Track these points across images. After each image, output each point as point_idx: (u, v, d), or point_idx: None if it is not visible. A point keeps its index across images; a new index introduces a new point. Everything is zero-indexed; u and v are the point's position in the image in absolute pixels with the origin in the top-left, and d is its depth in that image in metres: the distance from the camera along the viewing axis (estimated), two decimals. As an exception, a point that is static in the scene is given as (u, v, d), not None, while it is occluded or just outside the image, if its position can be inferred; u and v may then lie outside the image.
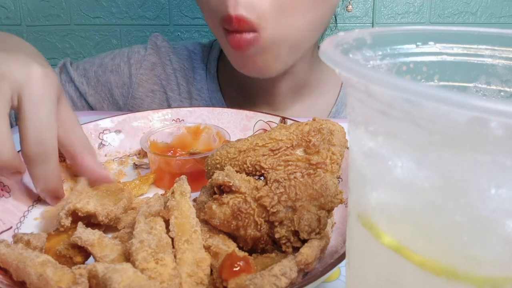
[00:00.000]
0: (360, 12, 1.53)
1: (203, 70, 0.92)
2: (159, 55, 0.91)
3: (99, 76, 0.90)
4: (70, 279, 0.34)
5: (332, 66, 0.21)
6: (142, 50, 0.92)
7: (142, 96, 0.90)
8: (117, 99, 0.91)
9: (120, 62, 0.90)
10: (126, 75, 0.90)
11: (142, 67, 0.90)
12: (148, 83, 0.90)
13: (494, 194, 0.19)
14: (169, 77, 0.91)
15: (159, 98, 0.91)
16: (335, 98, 0.90)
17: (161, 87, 0.91)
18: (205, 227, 0.42)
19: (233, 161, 0.45)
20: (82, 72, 0.91)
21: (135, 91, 0.90)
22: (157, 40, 0.93)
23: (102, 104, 0.91)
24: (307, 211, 0.40)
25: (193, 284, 0.36)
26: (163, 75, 0.91)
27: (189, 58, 0.93)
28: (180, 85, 0.91)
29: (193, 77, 0.92)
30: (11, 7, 1.56)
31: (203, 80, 0.91)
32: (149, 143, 0.60)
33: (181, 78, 0.91)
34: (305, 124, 0.47)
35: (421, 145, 0.20)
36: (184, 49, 0.94)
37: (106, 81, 0.90)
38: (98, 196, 0.47)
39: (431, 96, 0.16)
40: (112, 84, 0.90)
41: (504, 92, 0.28)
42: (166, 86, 0.91)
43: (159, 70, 0.91)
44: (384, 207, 0.23)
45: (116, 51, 0.93)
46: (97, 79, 0.90)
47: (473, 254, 0.20)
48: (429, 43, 0.28)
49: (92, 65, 0.91)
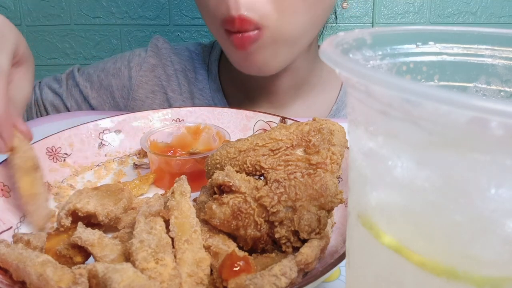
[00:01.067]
0: (360, 12, 1.53)
1: (204, 70, 0.93)
2: (159, 57, 0.93)
3: (102, 80, 0.93)
4: (70, 279, 0.34)
5: (332, 66, 0.21)
6: (142, 52, 0.94)
7: (142, 97, 0.92)
8: (117, 101, 0.93)
9: (121, 65, 0.93)
10: (126, 78, 0.92)
11: (142, 69, 0.92)
12: (148, 85, 0.92)
13: (494, 194, 0.19)
14: (170, 78, 0.92)
15: (159, 99, 0.92)
16: (336, 97, 0.91)
17: (162, 88, 0.92)
18: (205, 227, 0.42)
19: (233, 161, 0.45)
20: (86, 77, 0.93)
21: (135, 92, 0.92)
22: (158, 42, 0.95)
23: (104, 107, 0.94)
24: (307, 211, 0.40)
25: (193, 284, 0.36)
26: (164, 76, 0.92)
27: (191, 59, 0.94)
28: (182, 85, 0.92)
29: (195, 77, 0.93)
30: (11, 7, 1.56)
31: (205, 80, 0.92)
32: (149, 143, 0.60)
33: (182, 79, 0.93)
34: (305, 124, 0.47)
35: (421, 145, 0.20)
36: (186, 50, 0.95)
37: (108, 85, 0.92)
38: (98, 196, 0.47)
39: (431, 96, 0.16)
40: (113, 87, 0.92)
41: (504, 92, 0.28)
42: (167, 87, 0.92)
43: (159, 71, 0.92)
44: (384, 207, 0.23)
45: (119, 56, 0.96)
46: (100, 83, 0.93)
47: (473, 254, 0.20)
48: (429, 43, 0.28)
49: (96, 69, 0.94)
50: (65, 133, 0.61)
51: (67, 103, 0.92)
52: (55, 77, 0.95)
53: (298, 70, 0.84)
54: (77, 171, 0.60)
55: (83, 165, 0.61)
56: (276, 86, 0.86)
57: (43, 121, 0.77)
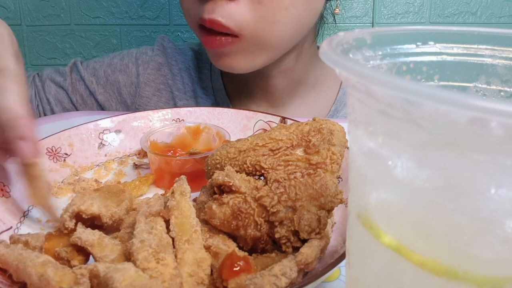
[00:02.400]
0: (360, 12, 1.53)
1: (207, 69, 0.95)
2: (165, 56, 0.95)
3: (108, 75, 0.93)
4: (71, 279, 0.34)
5: (332, 66, 0.21)
6: (149, 51, 0.95)
7: (149, 95, 0.93)
8: (125, 98, 0.94)
9: (129, 62, 0.94)
10: (134, 75, 0.93)
11: (149, 67, 0.93)
12: (155, 83, 0.93)
13: (494, 194, 0.19)
14: (175, 77, 0.94)
15: (165, 97, 0.94)
16: (334, 97, 0.92)
17: (167, 87, 0.94)
18: (205, 227, 0.42)
19: (233, 161, 0.45)
20: (92, 71, 0.94)
21: (142, 90, 0.93)
22: (163, 41, 0.96)
23: (111, 103, 0.94)
24: (307, 211, 0.40)
25: (194, 284, 0.36)
26: (170, 75, 0.94)
27: (194, 58, 0.96)
28: (186, 84, 0.94)
29: (198, 76, 0.95)
30: (11, 7, 1.56)
31: (208, 80, 0.94)
32: (149, 143, 0.60)
33: (186, 78, 0.94)
34: (305, 124, 0.47)
35: (421, 145, 0.20)
36: (189, 50, 0.97)
37: (115, 80, 0.93)
38: (101, 198, 0.46)
39: (431, 96, 0.16)
40: (120, 83, 0.93)
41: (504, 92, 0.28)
42: (173, 85, 0.93)
43: (165, 70, 0.94)
44: (384, 207, 0.23)
45: (125, 52, 0.97)
46: (106, 78, 0.93)
47: (473, 254, 0.20)
48: (429, 43, 0.28)
49: (101, 64, 0.94)
50: (65, 133, 0.61)
51: (73, 97, 0.92)
52: (58, 70, 0.95)
53: (292, 70, 0.85)
54: (77, 171, 0.60)
55: (83, 165, 0.61)
56: (272, 86, 0.87)
57: (43, 121, 0.77)
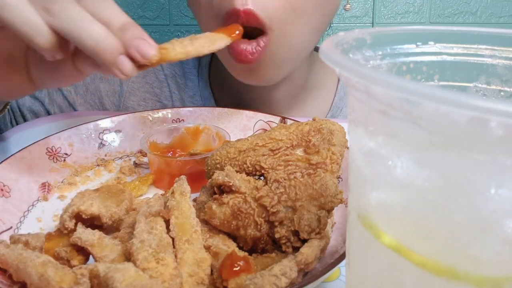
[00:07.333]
0: (360, 12, 1.53)
1: (195, 76, 0.88)
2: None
3: (88, 84, 0.85)
4: (71, 279, 0.34)
5: (332, 66, 0.21)
6: None
7: (134, 105, 0.86)
8: (107, 109, 0.86)
9: None
10: (117, 83, 0.86)
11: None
12: (140, 91, 0.87)
13: (494, 194, 0.19)
14: (162, 84, 0.88)
15: (151, 107, 0.86)
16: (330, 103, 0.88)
17: (154, 95, 0.88)
18: (205, 227, 0.42)
19: (233, 161, 0.45)
20: None
21: (126, 100, 0.86)
22: None
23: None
24: (307, 211, 0.40)
25: (194, 284, 0.36)
26: (156, 82, 0.88)
27: (180, 64, 0.89)
28: (173, 92, 0.88)
29: (185, 83, 0.88)
30: (11, 7, 1.56)
31: (196, 87, 0.88)
32: (148, 143, 0.60)
33: (173, 86, 0.88)
34: (305, 124, 0.47)
35: (421, 145, 0.20)
36: None
37: (95, 89, 0.86)
38: (101, 198, 0.46)
39: (431, 96, 0.16)
40: (102, 93, 0.86)
41: (504, 92, 0.28)
42: (160, 94, 0.87)
43: (151, 77, 0.87)
44: (384, 207, 0.23)
45: None
46: (86, 87, 0.85)
47: (473, 254, 0.20)
48: (429, 43, 0.28)
49: None
50: (65, 133, 0.61)
51: (50, 109, 0.84)
52: None
53: (297, 79, 0.81)
54: (77, 171, 0.60)
55: (83, 165, 0.61)
56: (272, 96, 0.81)
57: (43, 121, 0.77)
